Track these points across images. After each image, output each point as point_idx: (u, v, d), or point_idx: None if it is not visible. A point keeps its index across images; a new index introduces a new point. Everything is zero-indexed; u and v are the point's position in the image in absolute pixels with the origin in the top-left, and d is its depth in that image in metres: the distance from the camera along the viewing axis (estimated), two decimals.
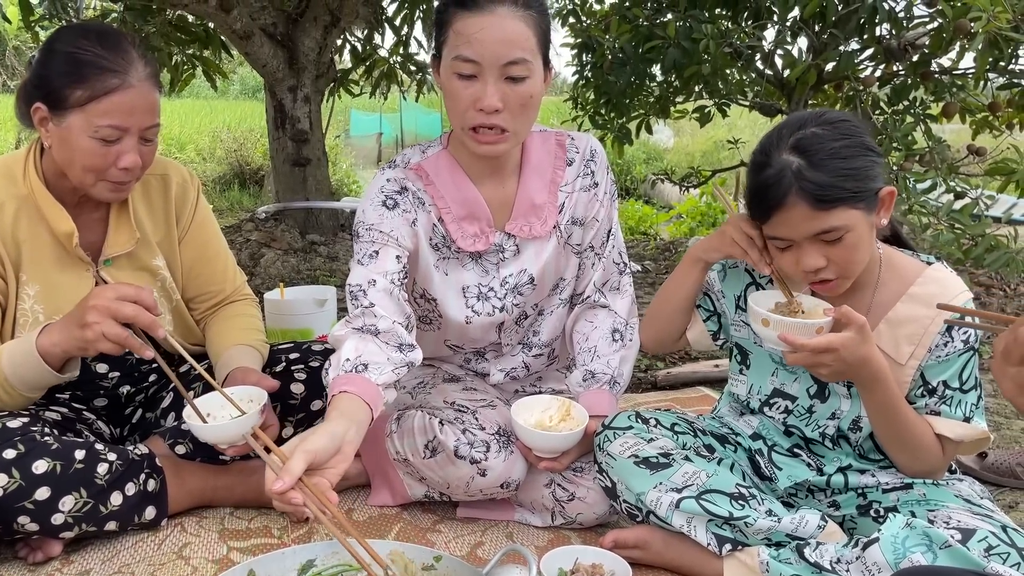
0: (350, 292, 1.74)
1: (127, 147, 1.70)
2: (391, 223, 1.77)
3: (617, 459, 1.74)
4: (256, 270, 4.02)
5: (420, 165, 1.83)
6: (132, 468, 1.73)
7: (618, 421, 1.80)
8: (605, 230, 1.95)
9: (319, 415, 1.99)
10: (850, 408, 1.70)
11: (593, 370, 1.92)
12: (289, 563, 1.28)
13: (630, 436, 1.77)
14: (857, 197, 1.50)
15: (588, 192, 1.91)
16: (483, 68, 1.62)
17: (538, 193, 1.87)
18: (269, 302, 2.58)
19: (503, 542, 1.85)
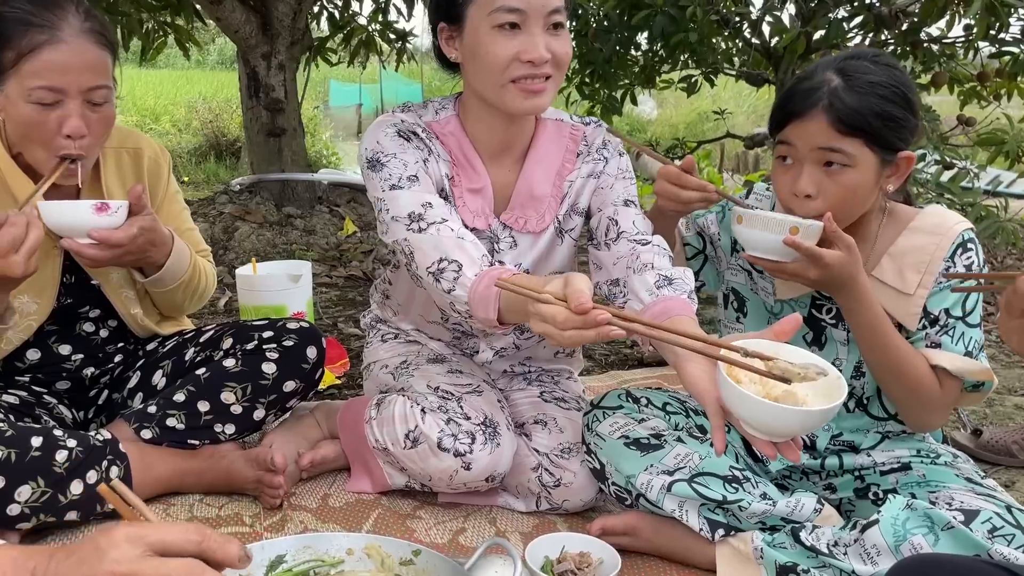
0: (409, 218, 1.60)
1: (69, 111, 1.57)
2: (414, 155, 1.67)
3: (607, 440, 1.67)
4: (230, 244, 3.90)
5: (434, 123, 1.74)
6: (94, 455, 1.64)
7: (608, 400, 1.73)
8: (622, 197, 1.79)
9: (292, 396, 1.90)
10: (849, 354, 1.64)
11: (669, 274, 1.60)
12: (258, 558, 1.19)
13: (620, 416, 1.69)
14: (876, 139, 1.49)
15: (596, 179, 1.81)
16: (528, 17, 1.55)
17: (540, 184, 1.77)
18: (241, 278, 2.47)
19: (486, 529, 1.78)
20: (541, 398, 1.93)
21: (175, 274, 1.81)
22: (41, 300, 1.71)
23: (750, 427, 1.25)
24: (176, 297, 1.88)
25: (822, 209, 1.51)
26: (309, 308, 2.55)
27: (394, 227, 1.63)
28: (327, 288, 3.61)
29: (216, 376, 1.84)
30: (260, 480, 1.78)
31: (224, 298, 3.32)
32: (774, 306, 1.72)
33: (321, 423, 2.00)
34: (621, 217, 1.77)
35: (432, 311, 1.91)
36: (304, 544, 1.23)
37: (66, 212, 1.57)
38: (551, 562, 1.57)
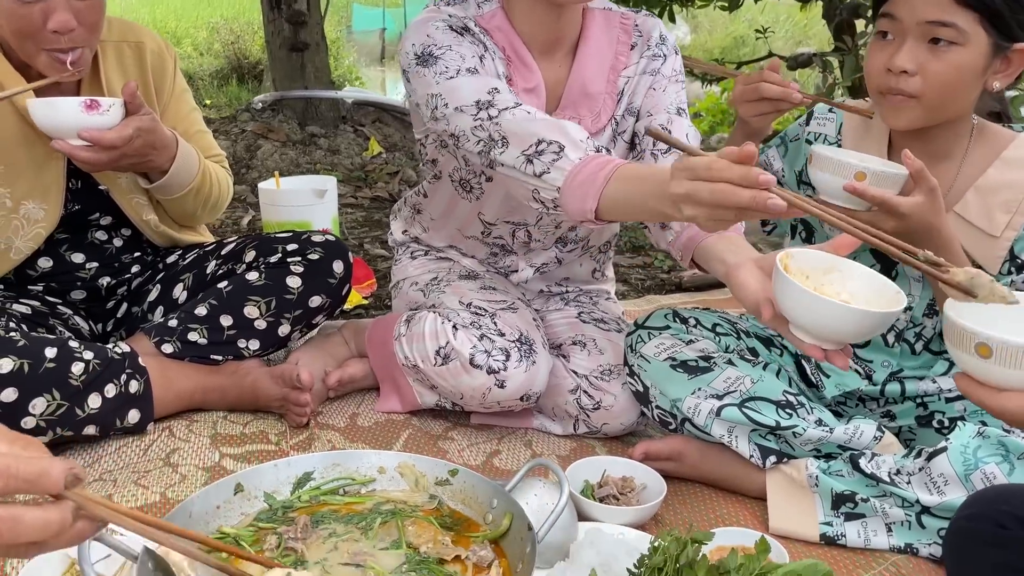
0: (477, 106, 1.44)
1: (53, 4, 1.45)
2: (470, 49, 1.52)
3: (651, 362, 1.56)
4: (252, 163, 3.79)
5: (480, 19, 1.60)
6: (112, 368, 1.56)
7: (653, 320, 1.62)
8: (674, 103, 1.67)
9: (318, 312, 1.81)
10: (923, 291, 1.52)
11: None
12: (283, 475, 1.12)
13: (667, 337, 1.58)
14: (995, 19, 1.32)
15: (652, 76, 1.67)
16: None
17: (594, 80, 1.64)
18: (263, 192, 2.36)
19: (521, 451, 1.69)
20: (579, 319, 1.83)
21: (182, 181, 1.70)
22: (48, 206, 1.62)
23: (801, 329, 1.13)
24: (187, 205, 1.77)
25: (918, 89, 1.36)
26: (335, 225, 2.44)
27: (458, 119, 1.45)
28: (352, 209, 3.50)
29: (239, 290, 1.75)
30: (286, 398, 1.70)
31: (247, 217, 3.22)
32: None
33: (349, 341, 1.91)
34: (675, 128, 1.64)
35: (472, 225, 1.80)
36: (333, 461, 1.15)
37: (54, 110, 1.45)
38: (591, 486, 1.48)
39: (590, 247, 1.89)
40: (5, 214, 1.58)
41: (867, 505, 1.40)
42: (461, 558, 1.02)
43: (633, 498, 1.46)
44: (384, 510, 1.10)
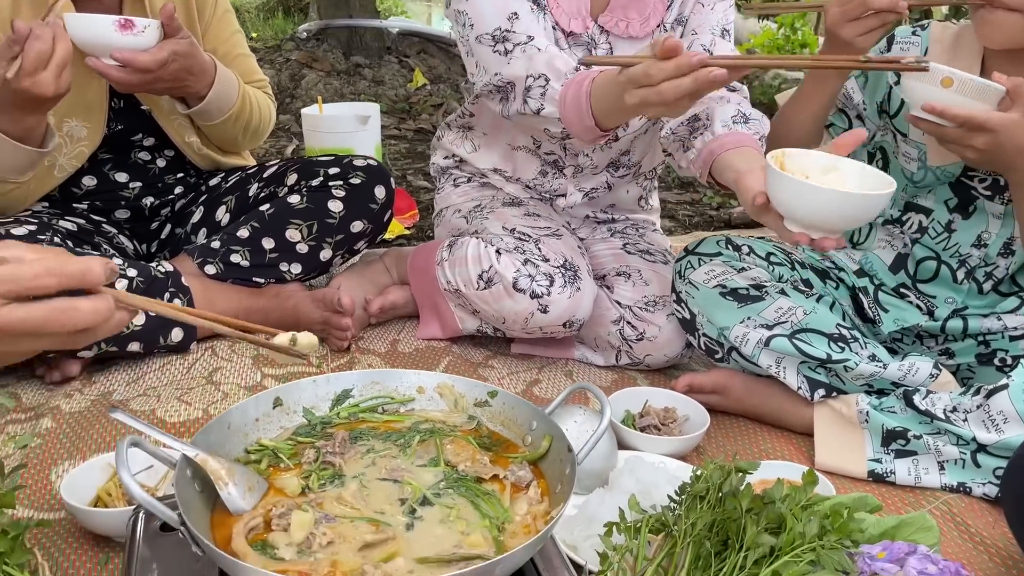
0: (491, 37, 1.49)
1: None
2: None
3: (700, 288, 1.51)
4: (297, 92, 3.76)
5: None
6: (155, 286, 1.57)
7: (705, 246, 1.57)
8: (719, 22, 1.63)
9: (360, 237, 1.80)
10: (1001, 229, 1.44)
11: (748, 113, 1.53)
12: (323, 391, 1.10)
13: (718, 264, 1.53)
14: None
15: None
16: None
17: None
18: (306, 118, 2.34)
19: (562, 381, 1.67)
20: (624, 250, 1.79)
21: (221, 107, 1.67)
22: (90, 124, 1.61)
23: (793, 220, 1.19)
24: (228, 131, 1.75)
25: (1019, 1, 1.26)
26: (377, 153, 2.41)
27: (481, 53, 1.48)
28: (396, 140, 3.46)
29: (281, 213, 1.74)
30: (327, 322, 1.70)
31: (291, 146, 3.21)
32: (915, 174, 1.51)
33: (390, 269, 1.89)
34: (717, 49, 1.61)
35: (520, 136, 1.76)
36: (372, 379, 1.13)
37: (87, 26, 1.42)
38: (632, 416, 1.46)
39: (640, 172, 1.83)
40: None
41: (919, 443, 1.35)
42: (499, 477, 1.00)
43: (675, 429, 1.44)
44: (422, 429, 1.08)
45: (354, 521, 0.91)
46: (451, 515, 0.93)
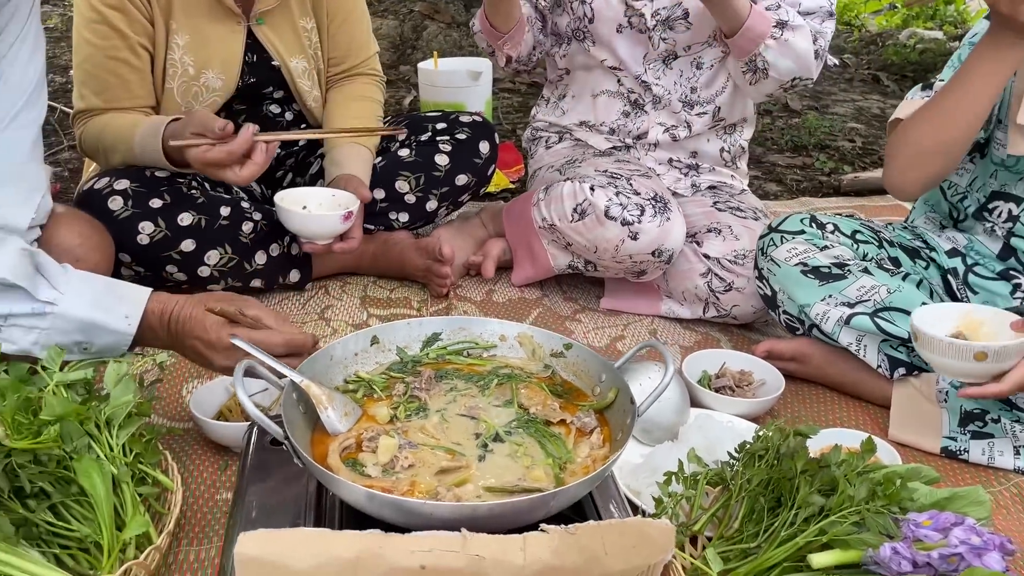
0: None
1: None
2: None
3: (781, 266, 1.54)
4: (418, 43, 3.88)
5: None
6: (277, 229, 1.72)
7: (789, 224, 1.59)
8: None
9: (464, 190, 1.90)
10: None
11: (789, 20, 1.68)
12: (415, 333, 1.22)
13: (800, 242, 1.55)
14: None
15: None
16: None
17: None
18: (422, 72, 2.45)
19: (645, 338, 1.74)
20: (715, 207, 1.82)
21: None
22: (225, 76, 1.76)
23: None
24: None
25: None
26: (487, 108, 2.50)
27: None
28: (509, 94, 3.54)
29: (391, 165, 1.86)
30: (429, 269, 1.82)
31: (409, 97, 3.34)
32: (1007, 159, 1.47)
33: (487, 224, 1.99)
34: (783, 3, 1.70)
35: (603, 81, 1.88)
36: (459, 326, 1.24)
37: (320, 224, 1.63)
38: (708, 376, 1.52)
39: (720, 119, 1.87)
40: (188, 81, 1.74)
41: (997, 426, 1.36)
42: (566, 422, 1.09)
43: (749, 392, 1.49)
44: (501, 373, 1.18)
45: (433, 449, 1.02)
46: (519, 451, 1.03)
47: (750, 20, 1.65)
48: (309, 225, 1.62)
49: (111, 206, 1.58)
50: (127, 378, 1.14)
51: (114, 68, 1.66)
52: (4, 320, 1.15)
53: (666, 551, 0.89)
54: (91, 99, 1.68)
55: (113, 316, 1.18)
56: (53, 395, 1.07)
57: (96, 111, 1.67)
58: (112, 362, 1.15)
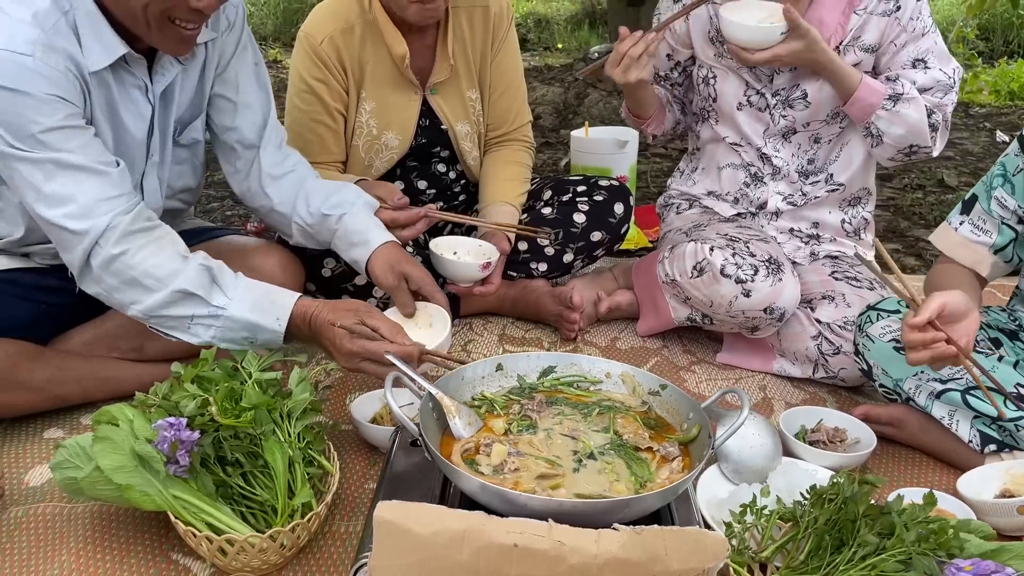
0: None
1: None
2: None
3: (876, 342, 1.64)
4: (579, 109, 4.17)
5: None
6: (433, 272, 2.00)
7: (886, 303, 1.69)
8: (910, 57, 1.85)
9: (599, 246, 2.13)
10: None
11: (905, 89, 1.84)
12: (534, 364, 1.45)
13: (895, 320, 1.65)
14: None
15: (887, 17, 1.84)
16: None
17: (829, 11, 1.85)
18: (574, 139, 2.71)
19: (755, 393, 1.88)
20: (832, 276, 1.94)
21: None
22: (402, 137, 2.08)
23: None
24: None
25: None
26: (632, 173, 2.72)
27: None
28: (660, 159, 3.75)
29: (534, 221, 2.11)
30: (560, 314, 2.06)
31: (565, 159, 3.61)
32: None
33: (618, 278, 2.21)
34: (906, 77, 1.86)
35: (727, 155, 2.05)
36: (571, 362, 1.46)
37: (456, 269, 1.91)
38: (805, 430, 1.64)
39: (837, 189, 1.99)
40: (371, 140, 2.07)
41: None
42: (653, 449, 1.28)
43: (842, 448, 1.60)
44: (603, 405, 1.39)
45: (536, 459, 1.25)
46: (607, 469, 1.24)
47: (860, 91, 1.80)
48: (453, 270, 1.89)
49: None
50: (305, 382, 1.43)
51: (315, 129, 2.02)
52: (191, 320, 1.48)
53: (718, 558, 1.06)
54: None
55: (268, 318, 1.49)
56: (251, 388, 1.38)
57: None
58: (296, 367, 1.45)
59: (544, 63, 6.48)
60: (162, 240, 1.49)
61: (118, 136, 1.55)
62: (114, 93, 1.51)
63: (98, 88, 1.47)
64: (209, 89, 1.70)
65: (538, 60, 7.42)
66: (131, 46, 1.48)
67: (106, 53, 1.44)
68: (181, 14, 1.40)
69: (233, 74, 1.71)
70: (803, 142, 1.97)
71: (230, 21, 1.67)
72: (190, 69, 1.64)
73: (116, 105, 1.52)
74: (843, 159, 1.98)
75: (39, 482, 1.50)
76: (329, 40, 1.95)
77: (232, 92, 1.72)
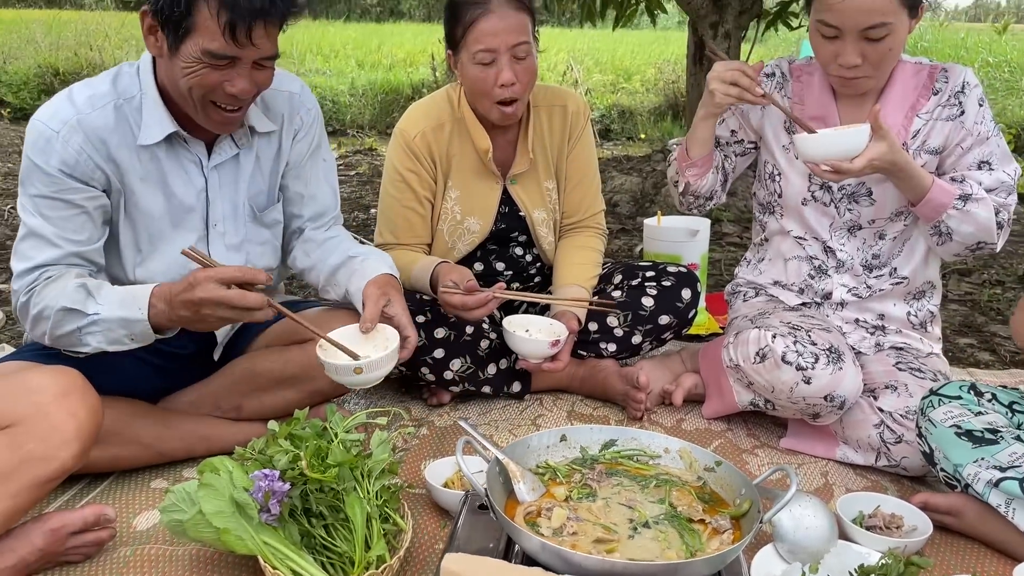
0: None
1: (501, 66, 1.99)
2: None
3: (937, 426, 1.68)
4: (656, 198, 4.31)
5: (798, 65, 2.06)
6: (506, 347, 2.14)
7: (948, 389, 1.73)
8: (975, 160, 1.93)
9: (666, 329, 2.23)
10: None
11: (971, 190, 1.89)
12: (596, 437, 1.55)
13: (956, 406, 1.69)
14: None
15: (951, 122, 1.93)
16: (843, 32, 1.82)
17: (893, 116, 1.94)
18: (647, 227, 2.83)
19: (816, 479, 1.92)
20: (896, 367, 1.98)
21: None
22: (483, 223, 2.24)
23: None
24: None
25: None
26: (703, 261, 2.82)
27: None
28: (734, 247, 3.84)
29: (607, 309, 2.23)
30: (627, 394, 2.15)
31: (639, 245, 3.74)
32: None
33: (685, 361, 2.29)
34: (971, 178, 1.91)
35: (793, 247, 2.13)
36: (632, 436, 1.56)
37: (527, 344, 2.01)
38: (863, 515, 1.68)
39: (901, 282, 2.05)
40: (455, 224, 2.24)
41: None
42: (705, 521, 1.35)
43: (898, 534, 1.63)
44: (661, 478, 1.47)
45: (593, 524, 1.34)
46: (661, 537, 1.32)
47: (932, 193, 1.87)
48: (523, 346, 2.01)
49: None
50: (386, 443, 1.57)
51: (405, 214, 2.21)
52: (80, 332, 1.63)
53: None
54: (387, 236, 2.24)
55: (132, 310, 1.62)
56: (337, 447, 1.52)
57: (390, 245, 2.22)
58: (377, 430, 1.59)
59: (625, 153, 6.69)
60: (61, 278, 1.67)
61: (169, 200, 1.77)
62: (163, 164, 1.74)
63: (149, 160, 1.72)
64: (280, 180, 1.91)
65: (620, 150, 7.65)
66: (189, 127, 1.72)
67: (159, 130, 1.69)
68: (219, 98, 1.63)
69: (304, 172, 1.92)
70: (868, 237, 2.05)
71: (303, 122, 1.89)
72: (263, 159, 1.86)
73: (166, 175, 1.75)
74: (906, 253, 2.04)
75: (145, 527, 1.66)
76: (421, 136, 2.15)
77: (302, 187, 1.93)
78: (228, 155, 1.81)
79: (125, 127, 1.69)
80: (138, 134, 1.69)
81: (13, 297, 1.70)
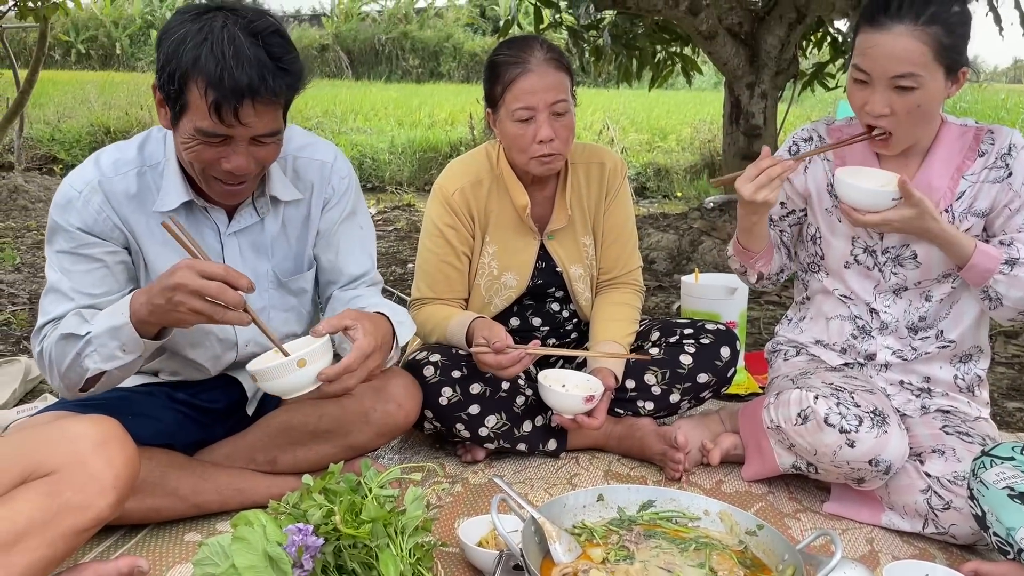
0: None
1: (540, 123, 2.02)
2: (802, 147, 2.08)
3: (990, 488, 1.63)
4: (693, 256, 4.30)
5: (836, 126, 2.06)
6: (542, 404, 2.12)
7: (1000, 450, 1.68)
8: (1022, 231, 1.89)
9: (705, 388, 2.20)
10: None
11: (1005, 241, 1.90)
12: (634, 497, 1.52)
13: (1008, 467, 1.64)
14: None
15: (998, 184, 1.90)
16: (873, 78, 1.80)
17: (938, 177, 1.92)
18: (685, 285, 2.82)
19: (861, 546, 1.86)
20: (943, 431, 1.93)
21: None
22: (520, 278, 2.25)
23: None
24: None
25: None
26: (741, 320, 2.79)
27: None
28: (773, 306, 3.79)
29: (643, 361, 2.21)
30: (665, 454, 2.11)
31: (677, 302, 3.72)
32: None
33: (724, 421, 2.25)
34: (1016, 239, 1.89)
35: (836, 307, 2.10)
36: (671, 497, 1.52)
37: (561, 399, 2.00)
38: None
39: (948, 346, 2.00)
40: (492, 279, 2.25)
41: None
42: None
43: None
44: (700, 541, 1.44)
45: None
46: None
47: (975, 258, 1.84)
48: (558, 401, 1.99)
49: (425, 372, 2.09)
50: (419, 500, 1.55)
51: (442, 268, 2.22)
52: (79, 356, 1.63)
53: None
54: (424, 290, 2.25)
55: (117, 317, 1.60)
56: (371, 503, 1.50)
57: (427, 300, 2.23)
58: (412, 486, 1.57)
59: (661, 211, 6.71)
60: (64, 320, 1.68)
61: None
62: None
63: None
64: (311, 248, 1.91)
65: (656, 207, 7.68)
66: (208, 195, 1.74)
67: (175, 198, 1.72)
68: (218, 174, 1.64)
69: (336, 239, 1.91)
70: (914, 299, 2.01)
71: (335, 190, 1.90)
72: (289, 226, 1.86)
73: None
74: (954, 316, 2.00)
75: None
76: (460, 192, 2.18)
77: (333, 255, 1.92)
78: (248, 222, 1.82)
79: (146, 193, 1.73)
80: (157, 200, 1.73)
81: (33, 351, 1.74)
